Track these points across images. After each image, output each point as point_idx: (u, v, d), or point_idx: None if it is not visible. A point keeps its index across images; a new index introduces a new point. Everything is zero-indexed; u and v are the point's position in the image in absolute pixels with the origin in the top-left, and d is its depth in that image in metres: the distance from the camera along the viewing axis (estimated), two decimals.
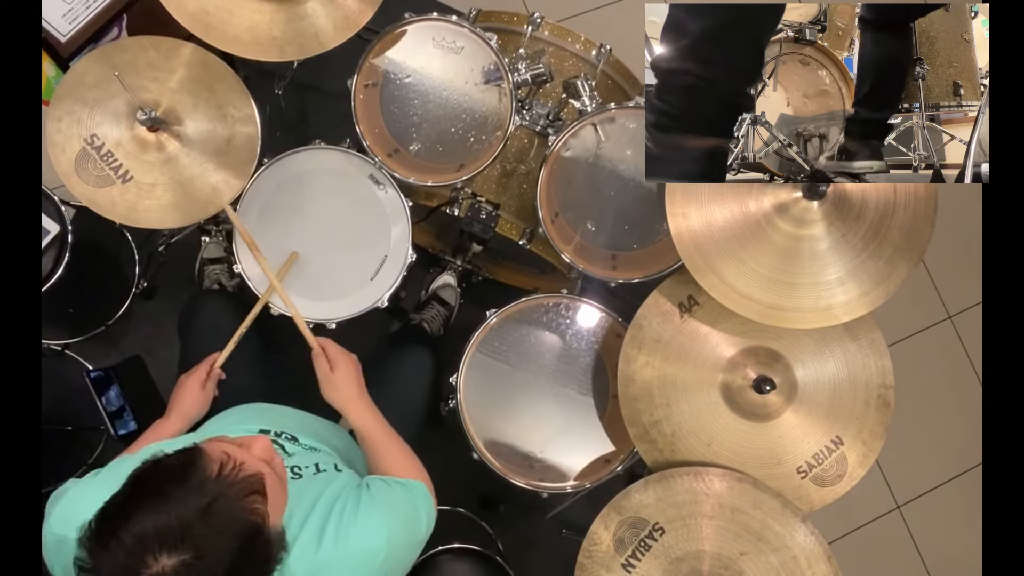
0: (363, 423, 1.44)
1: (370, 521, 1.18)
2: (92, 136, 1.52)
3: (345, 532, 1.15)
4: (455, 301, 2.24)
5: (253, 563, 0.97)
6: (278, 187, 1.68)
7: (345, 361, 1.49)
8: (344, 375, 1.47)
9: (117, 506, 0.94)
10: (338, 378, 1.47)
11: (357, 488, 1.25)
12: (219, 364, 1.55)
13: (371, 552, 1.16)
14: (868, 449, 1.55)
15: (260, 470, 1.01)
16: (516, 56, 1.74)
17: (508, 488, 1.70)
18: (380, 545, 1.17)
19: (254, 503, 0.97)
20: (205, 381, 1.52)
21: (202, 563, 0.90)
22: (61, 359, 2.16)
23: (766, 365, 1.55)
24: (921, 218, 1.44)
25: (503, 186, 1.83)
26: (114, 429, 1.97)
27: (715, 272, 1.46)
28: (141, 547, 0.89)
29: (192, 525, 0.91)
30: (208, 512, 0.92)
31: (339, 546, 1.14)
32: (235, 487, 0.96)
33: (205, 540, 0.91)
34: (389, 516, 1.21)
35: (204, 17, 1.52)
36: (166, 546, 0.89)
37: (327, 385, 1.47)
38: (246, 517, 0.96)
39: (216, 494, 0.94)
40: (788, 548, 1.46)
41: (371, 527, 1.18)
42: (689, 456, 1.54)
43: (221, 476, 0.96)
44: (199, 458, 0.97)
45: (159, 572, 0.89)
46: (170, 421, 1.47)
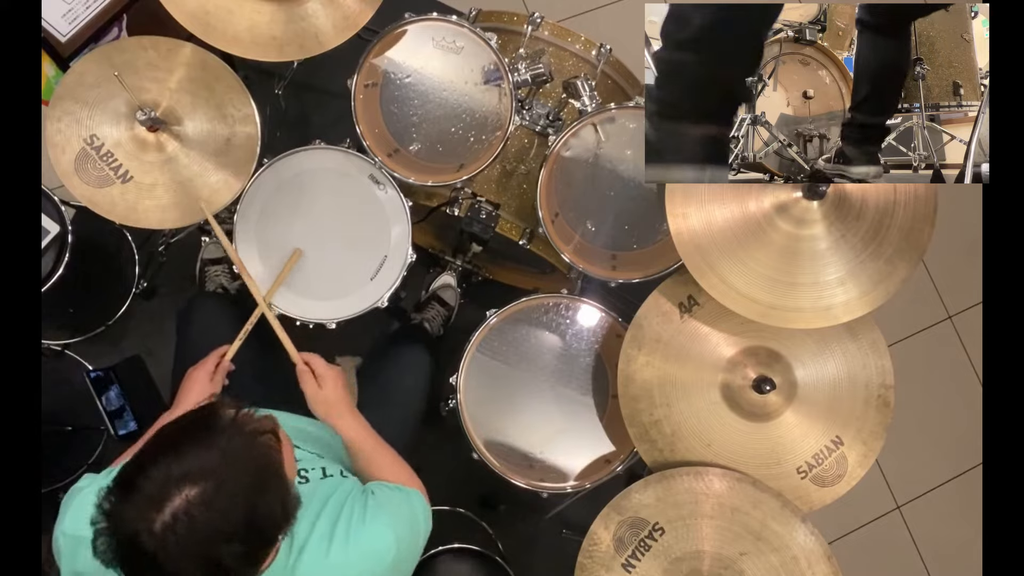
0: (353, 437, 1.44)
1: (378, 523, 1.21)
2: (92, 136, 1.52)
3: (355, 534, 1.18)
4: (455, 301, 2.24)
5: (271, 502, 1.01)
6: (278, 187, 1.68)
7: (333, 376, 1.47)
8: (333, 391, 1.46)
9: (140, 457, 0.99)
10: (327, 394, 1.45)
11: (363, 493, 1.27)
12: (229, 357, 1.54)
13: (381, 553, 1.19)
14: (868, 449, 1.55)
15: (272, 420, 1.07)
16: (516, 56, 1.74)
17: (508, 488, 1.70)
18: (389, 546, 1.20)
19: (269, 441, 1.03)
20: (213, 373, 1.51)
21: (223, 490, 0.95)
22: (61, 359, 2.16)
23: (766, 365, 1.55)
24: (921, 218, 1.44)
25: (503, 186, 1.83)
26: (114, 429, 1.97)
27: (715, 272, 1.45)
28: (165, 482, 0.94)
29: (211, 459, 0.96)
30: (229, 447, 0.98)
31: (349, 548, 1.17)
32: (250, 425, 1.02)
33: (225, 471, 0.96)
34: (395, 518, 1.24)
35: (204, 17, 1.52)
36: (190, 479, 0.94)
37: (316, 402, 1.46)
38: (262, 451, 1.02)
39: (234, 431, 1.00)
40: (788, 548, 1.46)
41: (379, 529, 1.20)
42: (689, 456, 1.54)
43: (236, 418, 1.02)
44: (215, 406, 1.03)
45: (183, 502, 0.93)
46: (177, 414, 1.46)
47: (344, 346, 1.70)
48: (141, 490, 0.94)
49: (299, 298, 1.66)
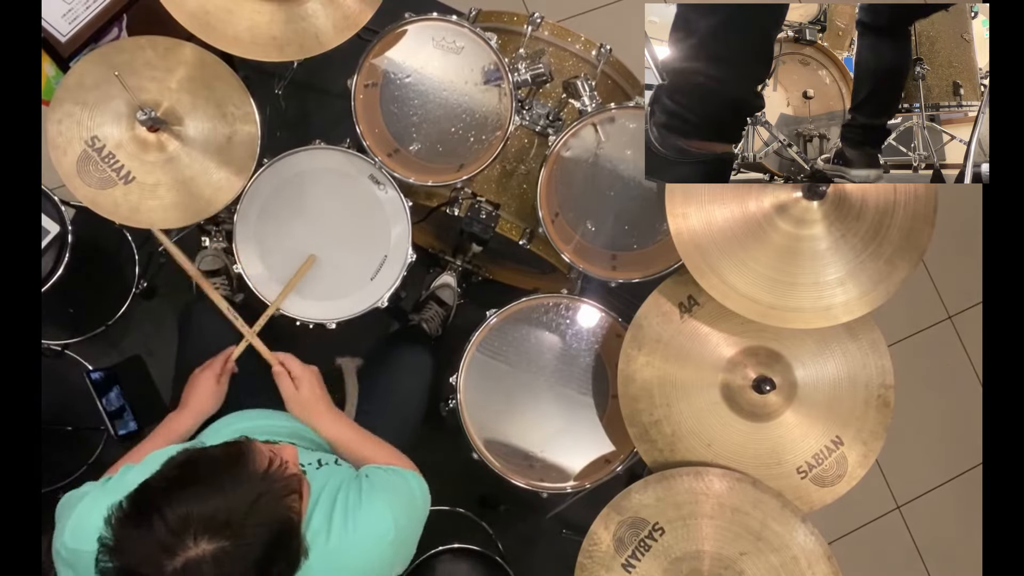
0: (335, 434, 1.45)
1: (375, 506, 1.21)
2: (93, 138, 1.52)
3: (353, 519, 1.18)
4: (453, 301, 2.24)
5: (282, 559, 1.00)
6: (278, 187, 1.68)
7: (309, 377, 1.49)
8: (310, 392, 1.47)
9: (160, 487, 0.96)
10: (304, 396, 1.46)
11: (357, 478, 1.27)
12: (234, 358, 1.54)
13: (380, 535, 1.20)
14: (868, 449, 1.55)
15: (299, 471, 1.06)
16: (516, 56, 1.74)
17: (508, 488, 1.70)
18: (388, 527, 1.20)
19: (293, 501, 1.02)
20: (220, 375, 1.51)
21: (238, 552, 0.93)
22: (61, 359, 2.16)
23: (766, 365, 1.55)
24: (921, 218, 1.44)
25: (503, 186, 1.83)
26: (114, 429, 1.97)
27: (715, 272, 1.45)
28: (184, 527, 0.91)
29: (237, 515, 0.94)
30: (255, 505, 0.96)
31: (348, 533, 1.17)
32: (280, 483, 1.00)
33: (246, 530, 0.94)
34: (392, 499, 1.24)
35: (204, 17, 1.52)
36: (209, 531, 0.92)
37: (293, 404, 1.47)
38: (285, 514, 1.00)
39: (264, 489, 0.98)
40: (788, 548, 1.46)
41: (377, 512, 1.21)
42: (689, 456, 1.54)
43: (269, 471, 1.00)
44: (249, 452, 1.01)
45: (197, 555, 0.91)
46: (184, 415, 1.46)
47: (344, 346, 1.69)
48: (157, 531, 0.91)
49: (299, 298, 1.66)
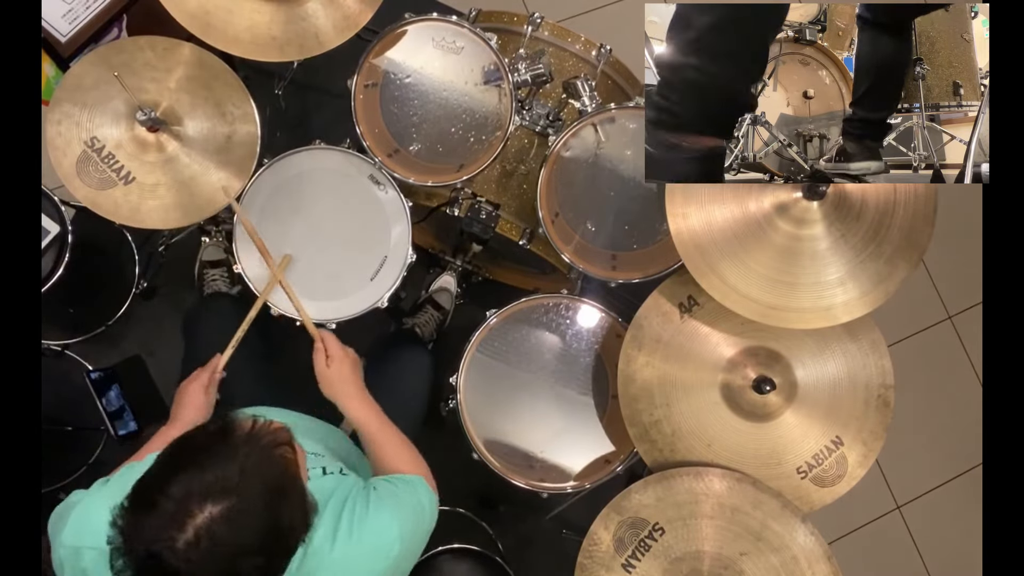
0: (359, 417, 1.45)
1: (381, 518, 1.21)
2: (92, 139, 1.52)
3: (359, 530, 1.18)
4: (450, 305, 2.24)
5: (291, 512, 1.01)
6: (278, 187, 1.68)
7: (341, 356, 1.49)
8: (339, 370, 1.47)
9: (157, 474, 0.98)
10: (333, 373, 1.47)
11: (364, 489, 1.27)
12: (221, 366, 1.53)
13: (385, 547, 1.20)
14: (868, 449, 1.55)
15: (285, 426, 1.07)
16: (516, 56, 1.74)
17: (508, 488, 1.70)
18: (393, 540, 1.20)
19: (286, 452, 1.03)
20: (208, 386, 1.51)
21: (245, 506, 0.95)
22: (61, 359, 2.16)
23: (766, 365, 1.55)
24: (921, 218, 1.44)
25: (503, 186, 1.83)
26: (114, 429, 1.97)
27: (715, 272, 1.45)
28: (187, 500, 0.93)
29: (233, 475, 0.96)
30: (247, 461, 0.98)
31: (353, 543, 1.17)
32: (267, 438, 1.02)
33: (246, 487, 0.96)
34: (398, 512, 1.24)
35: (204, 17, 1.52)
36: (211, 496, 0.94)
37: (323, 380, 1.48)
38: (279, 463, 1.02)
39: (251, 446, 1.00)
40: (788, 548, 1.46)
41: (383, 524, 1.21)
42: (689, 456, 1.54)
43: (253, 431, 1.02)
44: (231, 421, 1.03)
45: (206, 520, 0.93)
46: (174, 429, 1.45)
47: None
48: (162, 508, 0.93)
49: (299, 298, 1.66)
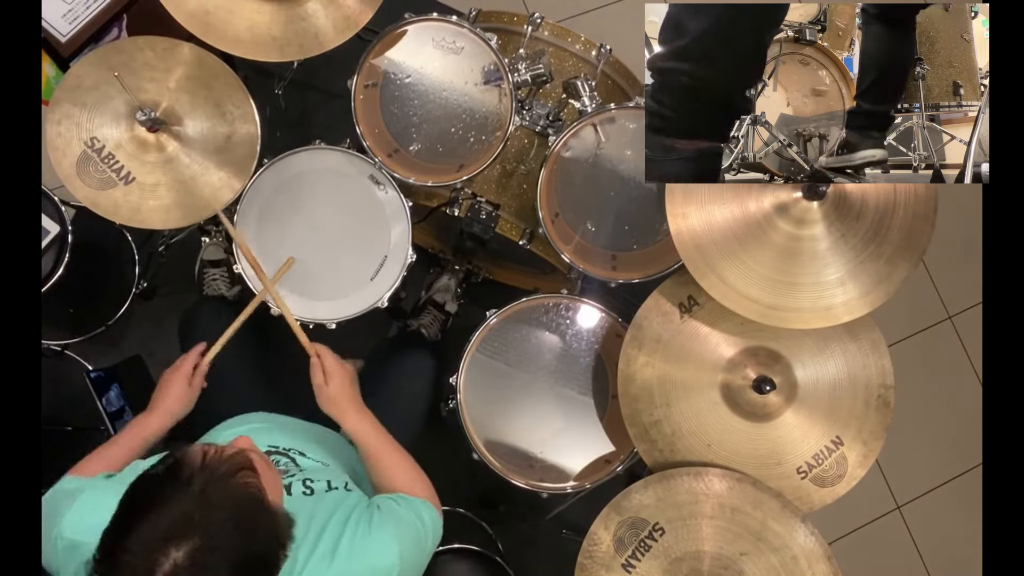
0: (359, 433, 1.43)
1: (382, 538, 1.20)
2: (92, 139, 1.52)
3: (359, 548, 1.17)
4: (454, 303, 2.23)
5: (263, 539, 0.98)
6: (278, 187, 1.68)
7: (340, 372, 1.46)
8: (339, 387, 1.45)
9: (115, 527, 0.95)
10: (332, 390, 1.44)
11: (367, 508, 1.26)
12: (209, 359, 1.51)
13: (384, 568, 1.18)
14: (868, 449, 1.55)
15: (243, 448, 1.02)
16: (516, 56, 1.74)
17: (508, 488, 1.70)
18: (393, 561, 1.19)
19: (246, 477, 0.99)
20: (191, 376, 1.49)
21: (211, 543, 0.91)
22: (61, 359, 2.16)
23: (766, 365, 1.55)
24: (921, 218, 1.45)
25: (503, 186, 1.83)
26: (114, 430, 1.96)
27: (715, 272, 1.46)
28: (150, 549, 0.90)
29: (192, 513, 0.92)
30: (203, 496, 0.93)
31: (352, 562, 1.16)
32: (223, 466, 0.97)
33: (207, 522, 0.92)
34: (400, 533, 1.22)
35: (204, 17, 1.52)
36: (173, 540, 0.90)
37: (321, 397, 1.45)
38: (242, 490, 0.98)
39: (206, 478, 0.95)
40: (788, 548, 1.46)
41: (383, 544, 1.19)
42: (689, 456, 1.54)
43: (206, 462, 0.97)
44: (182, 456, 0.98)
45: (173, 566, 0.90)
46: (153, 417, 1.44)
47: (344, 347, 1.69)
48: (124, 564, 0.90)
49: (299, 298, 1.66)
